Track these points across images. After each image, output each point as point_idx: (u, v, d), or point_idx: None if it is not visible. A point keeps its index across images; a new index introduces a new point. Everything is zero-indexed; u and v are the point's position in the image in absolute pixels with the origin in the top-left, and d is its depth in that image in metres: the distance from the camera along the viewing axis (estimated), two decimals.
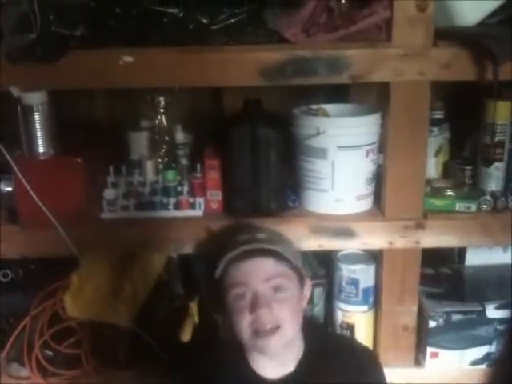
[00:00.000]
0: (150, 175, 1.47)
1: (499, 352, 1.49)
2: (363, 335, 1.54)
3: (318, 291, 1.56)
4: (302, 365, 1.25)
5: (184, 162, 1.50)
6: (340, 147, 1.37)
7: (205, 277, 1.30)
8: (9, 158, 1.33)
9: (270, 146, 1.37)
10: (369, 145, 1.40)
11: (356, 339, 1.48)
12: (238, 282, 1.20)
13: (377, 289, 1.51)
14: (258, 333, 1.18)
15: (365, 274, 1.50)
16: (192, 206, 1.45)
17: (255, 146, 1.37)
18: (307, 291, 1.32)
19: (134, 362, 1.49)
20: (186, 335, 1.45)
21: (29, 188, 1.34)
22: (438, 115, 1.54)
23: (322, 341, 1.32)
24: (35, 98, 1.32)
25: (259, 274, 1.19)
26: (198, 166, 1.45)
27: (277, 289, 1.20)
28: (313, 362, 1.25)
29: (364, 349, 1.39)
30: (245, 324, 1.19)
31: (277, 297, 1.19)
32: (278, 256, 1.20)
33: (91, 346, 1.49)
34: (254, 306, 1.17)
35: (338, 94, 1.59)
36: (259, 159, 1.38)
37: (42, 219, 1.35)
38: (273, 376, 1.25)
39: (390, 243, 1.41)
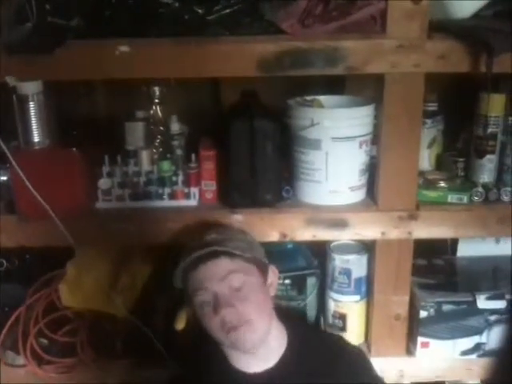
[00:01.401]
0: (145, 165, 1.47)
1: (497, 344, 1.51)
2: (355, 325, 1.56)
3: (311, 281, 1.57)
4: (284, 360, 1.25)
5: (179, 152, 1.50)
6: (334, 138, 1.38)
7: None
8: (5, 148, 1.33)
9: (266, 138, 1.37)
10: (362, 136, 1.40)
11: (344, 338, 1.48)
12: (197, 289, 1.20)
13: (369, 279, 1.52)
14: (228, 330, 1.18)
15: (357, 264, 1.52)
16: (187, 196, 1.45)
17: (252, 137, 1.37)
18: (273, 278, 1.31)
19: (130, 352, 1.50)
20: (181, 325, 1.46)
21: (25, 178, 1.34)
22: (432, 107, 1.55)
23: (307, 338, 1.32)
24: (31, 88, 1.31)
25: (214, 276, 1.19)
26: (193, 157, 1.45)
27: (236, 286, 1.19)
28: (295, 359, 1.25)
29: (352, 347, 1.39)
30: (215, 327, 1.20)
31: (238, 295, 1.19)
32: (229, 254, 1.20)
33: (87, 335, 1.49)
34: (216, 307, 1.18)
35: (334, 85, 1.59)
36: (256, 151, 1.38)
37: (38, 209, 1.35)
38: (252, 370, 1.25)
39: (383, 234, 1.42)
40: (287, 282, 1.54)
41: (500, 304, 1.48)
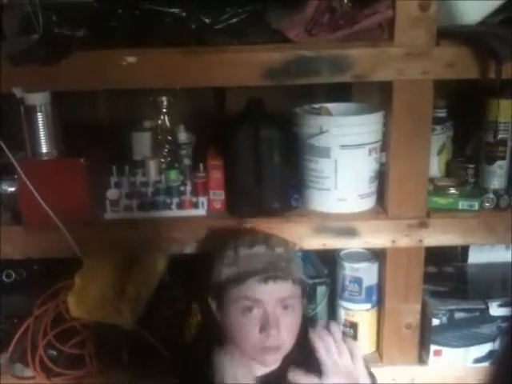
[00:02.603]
0: (153, 175, 1.46)
1: (501, 350, 1.50)
2: (366, 333, 1.54)
3: (321, 290, 1.56)
4: (286, 362, 1.23)
5: (187, 161, 1.50)
6: (343, 146, 1.37)
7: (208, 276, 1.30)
8: (12, 159, 1.33)
9: (272, 146, 1.37)
10: (371, 143, 1.40)
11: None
12: (251, 297, 1.17)
13: (380, 287, 1.51)
14: (264, 350, 1.18)
15: (368, 273, 1.50)
16: (195, 205, 1.45)
17: (258, 146, 1.37)
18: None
19: (137, 363, 1.49)
20: (190, 335, 1.45)
21: (32, 189, 1.34)
22: (441, 113, 1.54)
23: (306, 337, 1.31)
24: (38, 99, 1.32)
25: (273, 296, 1.17)
26: (201, 166, 1.45)
27: (286, 308, 1.19)
28: (296, 360, 1.22)
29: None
30: (252, 342, 1.18)
31: (285, 317, 1.18)
32: (293, 279, 1.20)
33: (95, 346, 1.49)
34: (265, 326, 1.16)
35: (341, 93, 1.59)
36: (262, 159, 1.38)
37: (45, 220, 1.35)
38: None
39: (394, 242, 1.41)
40: None
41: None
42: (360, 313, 1.53)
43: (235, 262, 1.22)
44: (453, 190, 1.45)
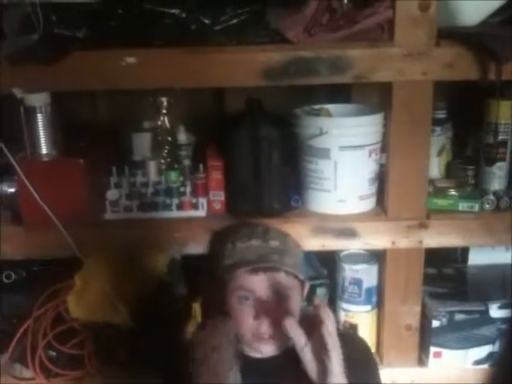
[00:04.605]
0: (153, 176, 1.47)
1: (501, 352, 1.49)
2: (366, 335, 1.54)
3: (321, 291, 1.56)
4: (292, 349, 1.23)
5: (186, 162, 1.50)
6: (342, 147, 1.37)
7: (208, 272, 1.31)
8: (12, 160, 1.33)
9: (272, 147, 1.37)
10: (371, 145, 1.40)
11: (352, 335, 1.46)
12: (245, 287, 1.20)
13: (380, 289, 1.51)
14: (257, 336, 1.20)
15: (368, 274, 1.50)
16: (195, 206, 1.45)
17: (257, 146, 1.37)
18: (305, 292, 1.30)
19: (137, 363, 1.49)
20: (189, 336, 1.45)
21: (32, 189, 1.34)
22: (441, 115, 1.54)
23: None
24: (38, 100, 1.32)
25: (267, 286, 1.20)
26: (201, 167, 1.45)
27: (281, 298, 1.20)
28: None
29: (358, 347, 1.32)
30: (247, 329, 1.20)
31: (280, 307, 1.20)
32: (286, 271, 1.21)
33: (94, 346, 1.49)
34: (258, 314, 1.19)
35: (341, 94, 1.59)
36: (262, 159, 1.38)
37: (44, 220, 1.35)
38: (259, 356, 1.24)
39: (393, 243, 1.41)
40: None
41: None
42: (360, 314, 1.53)
43: (232, 255, 1.24)
44: (453, 192, 1.45)
